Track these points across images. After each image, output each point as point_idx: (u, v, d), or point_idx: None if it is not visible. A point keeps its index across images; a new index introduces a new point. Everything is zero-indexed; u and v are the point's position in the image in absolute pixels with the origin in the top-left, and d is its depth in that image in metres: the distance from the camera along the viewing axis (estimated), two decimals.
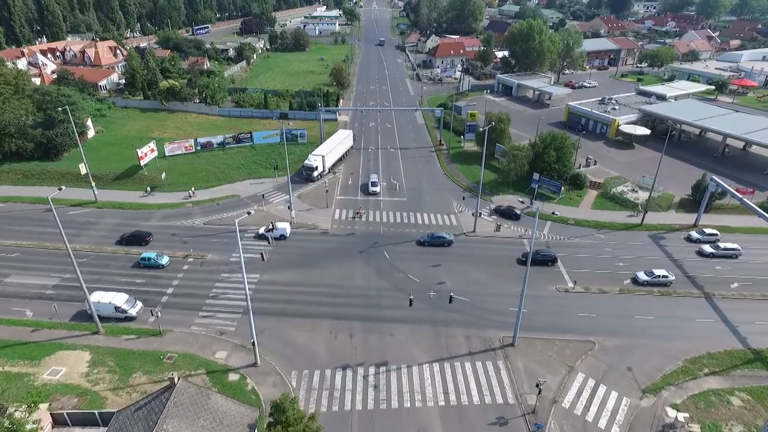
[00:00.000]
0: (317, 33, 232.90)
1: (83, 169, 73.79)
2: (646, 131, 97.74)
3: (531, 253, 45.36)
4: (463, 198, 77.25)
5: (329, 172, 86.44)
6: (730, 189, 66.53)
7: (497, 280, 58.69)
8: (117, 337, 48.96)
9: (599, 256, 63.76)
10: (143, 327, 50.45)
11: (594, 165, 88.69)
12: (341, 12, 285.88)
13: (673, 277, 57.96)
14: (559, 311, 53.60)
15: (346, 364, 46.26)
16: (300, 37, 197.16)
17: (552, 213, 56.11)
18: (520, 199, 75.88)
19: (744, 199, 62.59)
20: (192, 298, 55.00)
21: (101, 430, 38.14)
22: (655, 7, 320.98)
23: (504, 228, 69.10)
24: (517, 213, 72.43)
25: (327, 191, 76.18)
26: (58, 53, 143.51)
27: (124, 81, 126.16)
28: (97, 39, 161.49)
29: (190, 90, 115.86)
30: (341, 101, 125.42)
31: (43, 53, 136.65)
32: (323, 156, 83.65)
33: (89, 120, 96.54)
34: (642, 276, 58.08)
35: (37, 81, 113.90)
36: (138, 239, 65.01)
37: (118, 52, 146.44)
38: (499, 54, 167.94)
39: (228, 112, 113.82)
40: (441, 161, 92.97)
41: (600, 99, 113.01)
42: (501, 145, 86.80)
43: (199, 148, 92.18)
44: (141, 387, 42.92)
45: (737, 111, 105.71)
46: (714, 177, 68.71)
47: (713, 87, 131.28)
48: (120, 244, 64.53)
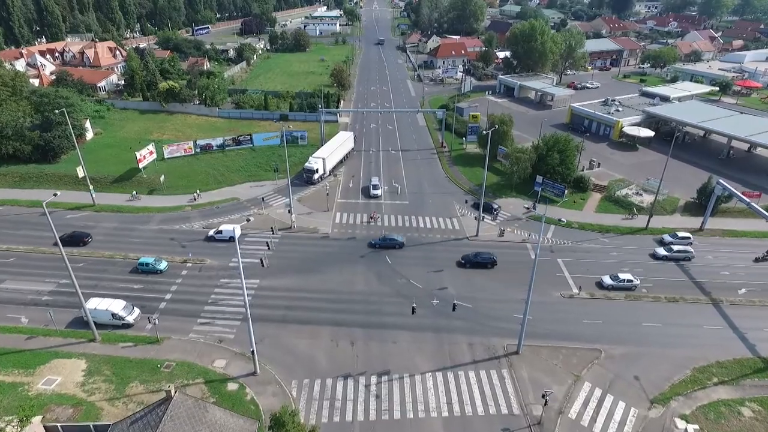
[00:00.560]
0: (318, 33, 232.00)
1: (81, 172, 72.90)
2: (650, 133, 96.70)
3: (536, 258, 44.28)
4: (466, 201, 76.25)
5: (330, 174, 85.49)
6: (737, 192, 65.54)
7: (501, 285, 57.70)
8: (114, 345, 48.02)
9: (604, 260, 62.72)
10: (140, 334, 49.50)
11: (597, 167, 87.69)
12: (342, 12, 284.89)
13: (638, 281, 56.81)
14: (564, 318, 52.63)
15: (347, 372, 45.30)
16: (300, 38, 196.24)
17: (558, 220, 54.94)
18: (525, 205, 74.58)
19: (752, 203, 61.52)
20: (190, 304, 54.07)
21: None
22: (657, 7, 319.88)
23: (507, 232, 68.10)
24: (494, 207, 73.82)
25: (327, 194, 75.21)
26: (57, 54, 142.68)
27: (123, 82, 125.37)
28: (97, 40, 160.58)
29: (189, 91, 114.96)
30: (342, 102, 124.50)
31: (42, 54, 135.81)
32: (324, 158, 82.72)
33: (88, 122, 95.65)
34: (607, 280, 57.08)
35: (36, 82, 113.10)
36: (76, 240, 63.99)
37: (117, 52, 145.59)
38: (501, 54, 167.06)
39: (228, 113, 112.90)
40: (443, 163, 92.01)
41: (603, 100, 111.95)
42: (503, 147, 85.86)
43: (199, 150, 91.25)
44: (138, 397, 41.97)
45: (742, 112, 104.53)
46: (720, 180, 67.68)
47: (717, 88, 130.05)
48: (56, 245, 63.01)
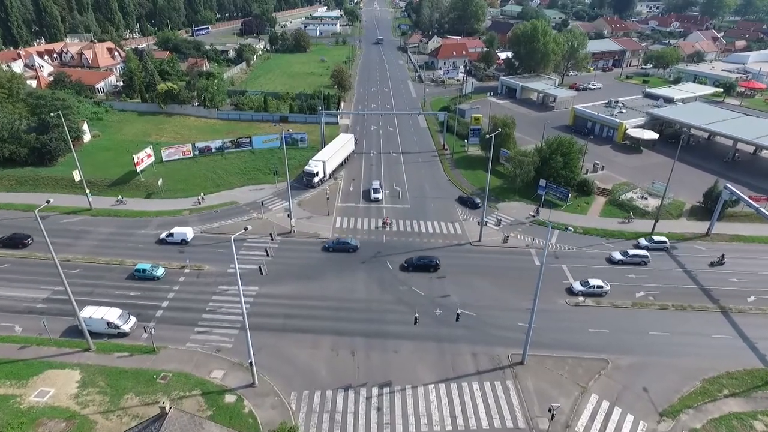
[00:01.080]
0: (318, 34, 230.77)
1: (77, 176, 71.74)
2: (654, 135, 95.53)
3: (543, 266, 43.06)
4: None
5: (330, 177, 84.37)
6: (744, 197, 64.36)
7: (504, 293, 56.57)
8: (109, 355, 46.92)
9: (609, 266, 61.55)
10: (136, 344, 48.39)
11: (601, 170, 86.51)
12: (342, 12, 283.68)
13: (608, 287, 55.50)
14: (570, 326, 51.50)
15: (348, 384, 44.17)
16: (300, 38, 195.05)
17: (566, 228, 53.69)
18: (531, 213, 73.07)
19: (760, 209, 60.33)
20: (188, 312, 52.94)
21: None
22: (658, 7, 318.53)
23: (511, 237, 66.96)
24: (476, 202, 75.15)
25: (328, 198, 74.06)
26: (55, 55, 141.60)
27: (122, 83, 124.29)
28: (95, 41, 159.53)
29: (188, 93, 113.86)
30: (342, 104, 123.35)
31: (40, 55, 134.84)
32: (324, 161, 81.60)
33: (85, 124, 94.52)
34: (577, 286, 55.85)
35: (34, 83, 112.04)
36: (15, 242, 63.08)
37: (116, 53, 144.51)
38: (502, 55, 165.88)
39: (227, 115, 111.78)
40: (444, 166, 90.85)
41: (606, 102, 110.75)
42: (506, 150, 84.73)
43: (197, 153, 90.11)
44: (132, 410, 40.86)
45: (747, 114, 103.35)
46: (728, 185, 66.50)
47: (721, 90, 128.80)
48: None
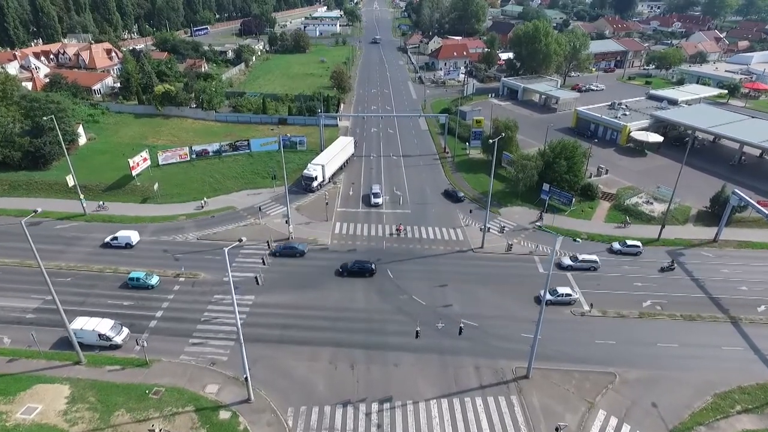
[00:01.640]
0: (318, 34, 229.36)
1: (71, 181, 70.24)
2: (658, 138, 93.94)
3: (549, 277, 41.59)
4: (470, 211, 73.57)
5: (329, 181, 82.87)
6: (754, 203, 62.82)
7: (507, 301, 55.10)
8: (100, 368, 45.42)
9: (615, 275, 60.11)
10: (129, 356, 46.90)
11: (605, 174, 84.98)
12: (342, 13, 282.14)
13: (577, 296, 53.92)
14: (575, 337, 50.00)
15: (347, 399, 42.67)
16: (300, 39, 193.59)
17: (574, 240, 52.25)
18: (538, 223, 70.79)
19: None
20: (182, 322, 51.45)
21: None
22: (659, 7, 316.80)
23: (514, 244, 65.44)
24: (459, 196, 77.33)
25: (327, 203, 72.52)
26: (52, 56, 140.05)
27: (119, 85, 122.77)
28: (93, 42, 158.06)
29: (186, 94, 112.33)
30: (342, 106, 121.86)
31: (37, 56, 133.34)
32: (323, 165, 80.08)
33: (80, 127, 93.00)
34: (546, 296, 54.08)
35: (29, 85, 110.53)
36: None
37: (113, 54, 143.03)
38: (503, 56, 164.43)
39: (225, 117, 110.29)
40: (446, 170, 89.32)
41: (610, 104, 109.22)
42: (508, 154, 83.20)
43: (195, 156, 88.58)
44: (123, 428, 39.38)
45: (753, 116, 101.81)
46: (736, 190, 64.93)
47: (726, 91, 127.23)
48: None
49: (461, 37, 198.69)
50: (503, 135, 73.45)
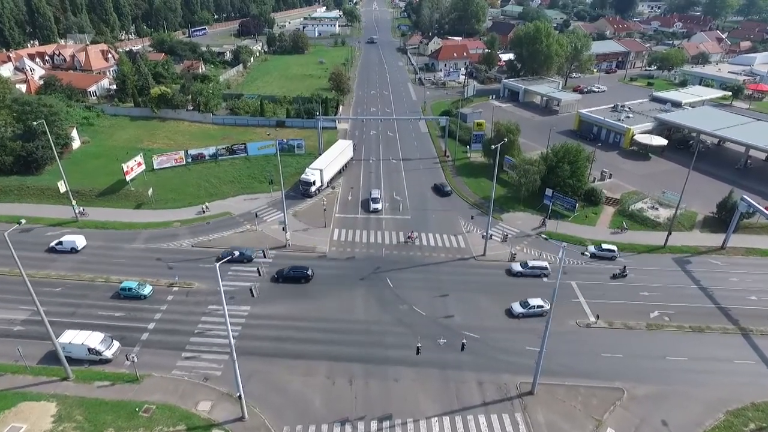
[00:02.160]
0: (317, 34, 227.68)
1: (62, 187, 68.46)
2: (663, 141, 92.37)
3: (555, 291, 39.90)
4: (472, 217, 71.92)
5: (327, 186, 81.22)
6: (763, 210, 61.19)
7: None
8: (88, 384, 43.77)
9: (621, 283, 58.48)
10: (119, 371, 45.23)
11: (609, 179, 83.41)
12: (341, 13, 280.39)
13: (548, 306, 51.72)
14: (581, 350, 48.40)
15: (344, 417, 41.04)
16: (299, 40, 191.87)
17: (582, 254, 50.51)
18: (544, 235, 68.34)
19: None
20: (175, 335, 49.80)
21: None
22: (660, 8, 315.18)
23: (517, 251, 63.84)
24: (446, 191, 79.59)
25: (325, 210, 70.82)
26: (47, 57, 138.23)
27: (115, 87, 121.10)
28: (88, 43, 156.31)
29: (183, 96, 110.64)
30: (341, 108, 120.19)
31: (32, 58, 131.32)
32: (321, 170, 78.46)
33: (74, 130, 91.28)
34: (517, 308, 52.43)
35: (23, 88, 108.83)
36: None
37: (110, 56, 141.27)
38: (504, 57, 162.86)
39: (222, 120, 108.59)
40: (446, 174, 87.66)
41: (612, 106, 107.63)
42: (510, 158, 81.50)
43: (190, 160, 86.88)
44: None
45: (758, 119, 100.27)
46: (745, 197, 63.29)
47: (730, 93, 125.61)
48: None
49: (461, 38, 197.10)
50: (505, 140, 71.64)
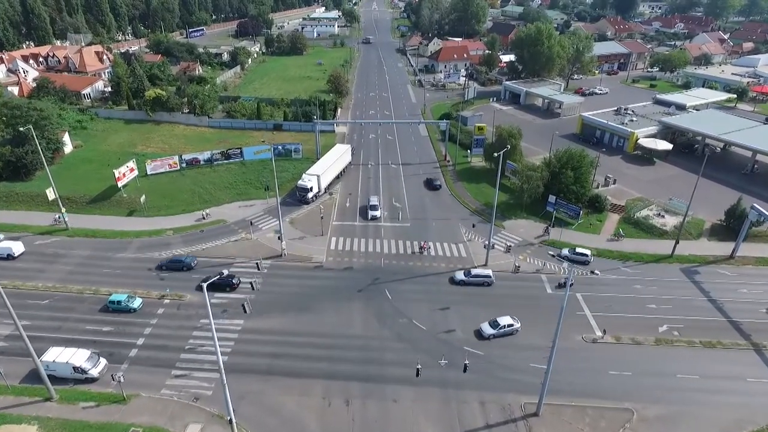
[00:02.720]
0: (315, 35, 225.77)
1: (51, 194, 66.43)
2: (668, 146, 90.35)
3: (563, 310, 38.00)
4: (473, 225, 69.88)
5: (325, 192, 79.27)
6: None
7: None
8: (73, 405, 41.84)
9: (628, 295, 56.56)
10: (105, 391, 43.30)
11: (613, 184, 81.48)
12: (340, 13, 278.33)
13: (518, 324, 49.98)
14: (588, 368, 46.47)
15: None
16: (297, 40, 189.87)
17: (591, 272, 48.48)
18: (552, 254, 64.96)
19: None
20: (165, 351, 47.87)
21: None
22: (661, 8, 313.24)
23: (519, 260, 61.93)
24: (436, 184, 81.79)
25: (322, 217, 68.82)
26: (41, 59, 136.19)
27: (109, 89, 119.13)
28: (84, 44, 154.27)
29: (178, 99, 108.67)
30: (339, 110, 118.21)
31: (25, 59, 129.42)
32: (318, 175, 76.55)
33: (66, 134, 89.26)
34: (487, 329, 49.72)
35: (16, 90, 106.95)
36: None
37: (105, 57, 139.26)
38: (505, 58, 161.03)
39: (218, 123, 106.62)
40: (447, 179, 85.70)
41: (616, 109, 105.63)
42: (513, 163, 79.52)
43: (185, 165, 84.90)
44: None
45: (766, 122, 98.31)
46: (756, 205, 61.31)
47: (734, 95, 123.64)
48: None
49: (461, 39, 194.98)
50: (508, 147, 69.59)
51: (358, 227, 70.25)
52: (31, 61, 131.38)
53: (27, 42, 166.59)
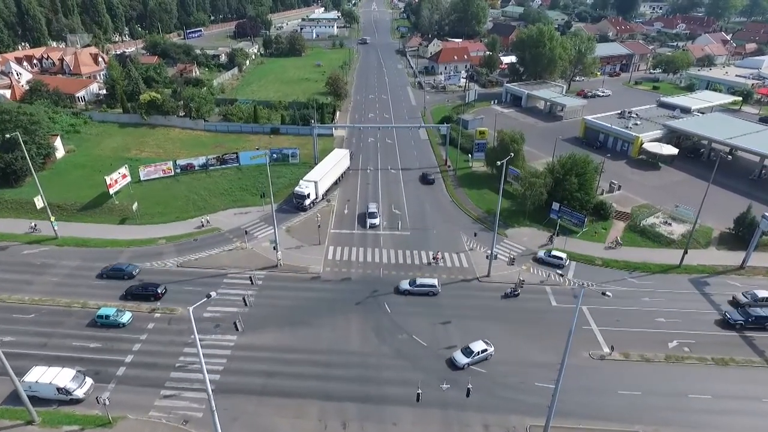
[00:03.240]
0: (314, 36, 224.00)
1: (39, 203, 64.35)
2: (673, 150, 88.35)
3: (571, 334, 35.92)
4: (475, 234, 67.82)
5: (323, 199, 77.30)
6: None
7: (517, 341, 49.59)
8: (56, 429, 39.89)
9: (635, 308, 54.53)
10: (90, 413, 41.27)
11: (618, 190, 79.48)
12: (340, 14, 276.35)
13: (491, 348, 46.94)
14: (595, 387, 44.48)
15: None
16: (296, 42, 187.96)
17: (603, 293, 46.52)
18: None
19: None
20: (154, 369, 45.88)
21: None
22: (662, 8, 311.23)
23: (523, 271, 59.97)
24: (430, 179, 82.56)
25: (319, 226, 66.81)
26: (35, 61, 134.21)
27: (104, 91, 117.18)
28: (79, 46, 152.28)
29: (174, 102, 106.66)
30: (338, 113, 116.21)
31: (19, 61, 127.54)
32: (316, 182, 74.59)
33: (58, 139, 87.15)
34: (461, 358, 45.97)
35: (8, 93, 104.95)
36: None
37: (100, 59, 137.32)
38: (506, 59, 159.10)
39: (215, 126, 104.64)
40: (447, 185, 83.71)
41: (619, 112, 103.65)
42: (515, 169, 77.46)
43: (179, 170, 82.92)
44: None
45: (761, 122, 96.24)
46: (767, 213, 59.27)
47: (740, 98, 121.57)
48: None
49: (461, 40, 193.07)
50: (512, 155, 67.41)
51: (356, 236, 68.25)
52: (25, 63, 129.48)
53: (22, 43, 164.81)
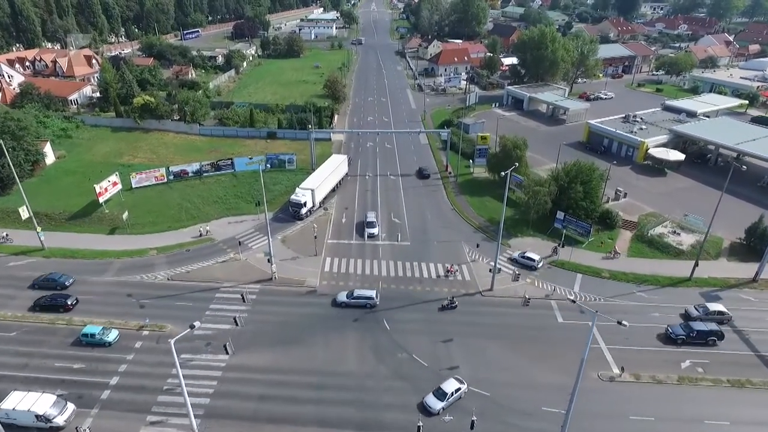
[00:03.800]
0: (313, 37, 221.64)
1: (24, 213, 61.94)
2: (680, 156, 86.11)
3: (584, 362, 33.77)
4: (477, 245, 65.40)
5: (320, 206, 75.00)
6: None
7: (522, 361, 47.29)
8: None
9: (645, 324, 52.24)
10: None
11: (624, 198, 77.25)
12: (338, 15, 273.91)
13: (465, 386, 43.00)
14: (605, 411, 42.17)
15: None
16: (294, 43, 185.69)
17: (619, 323, 44.15)
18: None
19: None
20: (141, 392, 43.55)
21: None
22: (663, 9, 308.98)
23: (527, 284, 57.69)
24: (426, 174, 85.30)
25: (316, 237, 64.45)
26: (28, 63, 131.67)
27: (98, 94, 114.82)
28: (72, 48, 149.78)
29: (168, 106, 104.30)
30: (336, 116, 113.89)
31: (11, 63, 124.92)
32: (313, 190, 72.26)
33: (48, 145, 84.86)
34: (435, 403, 41.24)
35: None
36: None
37: (94, 61, 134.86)
38: (506, 61, 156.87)
39: (210, 131, 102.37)
40: (448, 192, 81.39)
41: (624, 116, 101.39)
42: (518, 176, 75.00)
43: (172, 177, 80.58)
44: None
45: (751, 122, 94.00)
46: None
47: (746, 101, 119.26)
48: None
49: (461, 41, 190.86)
50: (516, 165, 64.90)
51: (354, 246, 65.94)
52: (17, 66, 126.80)
53: (16, 45, 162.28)
